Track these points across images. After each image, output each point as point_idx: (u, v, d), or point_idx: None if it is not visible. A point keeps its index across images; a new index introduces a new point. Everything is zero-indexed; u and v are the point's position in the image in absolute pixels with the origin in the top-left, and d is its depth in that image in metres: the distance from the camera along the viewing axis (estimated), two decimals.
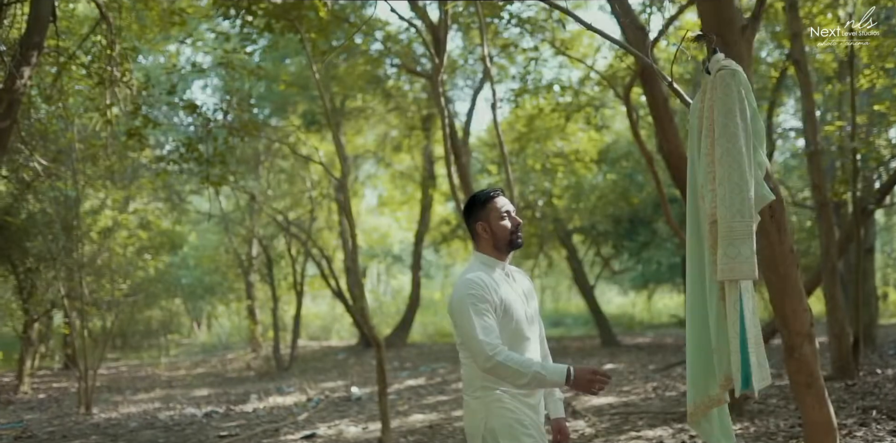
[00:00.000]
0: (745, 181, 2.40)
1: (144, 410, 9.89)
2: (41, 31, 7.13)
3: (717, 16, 2.67)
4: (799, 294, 3.59)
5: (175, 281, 21.04)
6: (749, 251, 2.36)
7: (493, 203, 2.75)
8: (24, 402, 11.48)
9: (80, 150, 9.80)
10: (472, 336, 2.51)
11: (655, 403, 7.40)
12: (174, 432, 7.96)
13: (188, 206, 18.81)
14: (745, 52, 2.77)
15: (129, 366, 17.69)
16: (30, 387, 12.98)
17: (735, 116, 2.42)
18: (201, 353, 20.59)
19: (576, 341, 16.23)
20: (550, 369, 2.47)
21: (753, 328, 2.53)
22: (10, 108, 6.72)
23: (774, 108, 11.73)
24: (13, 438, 8.18)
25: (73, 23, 10.18)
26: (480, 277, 2.64)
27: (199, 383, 13.08)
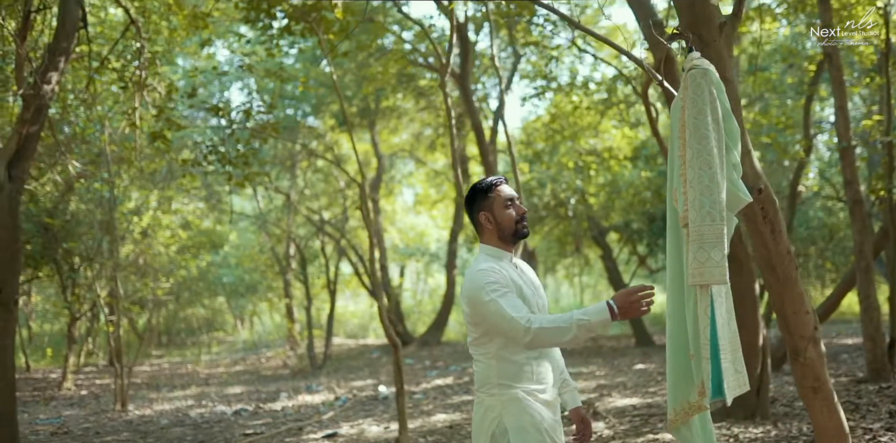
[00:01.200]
0: (716, 184, 2.34)
1: (177, 407, 10.07)
2: (69, 37, 7.29)
3: (694, 14, 2.61)
4: (800, 297, 3.49)
5: (216, 280, 21.41)
6: (720, 256, 2.30)
7: (497, 191, 2.67)
8: (66, 398, 11.78)
9: (112, 152, 10.01)
10: (503, 317, 2.44)
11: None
12: (202, 430, 8.10)
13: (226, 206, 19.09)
14: (724, 50, 2.69)
15: (171, 363, 18.02)
16: (73, 383, 13.31)
17: (706, 116, 2.36)
18: (242, 350, 20.88)
19: (611, 339, 16.05)
20: (591, 311, 2.37)
21: (730, 334, 2.47)
22: (37, 113, 6.89)
23: (812, 103, 11.43)
24: (49, 433, 8.41)
25: (106, 28, 10.43)
26: (492, 267, 2.59)
27: (234, 380, 13.27)
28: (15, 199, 6.69)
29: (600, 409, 7.31)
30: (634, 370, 10.24)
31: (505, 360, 2.59)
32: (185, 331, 24.35)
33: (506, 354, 2.59)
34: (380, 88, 13.66)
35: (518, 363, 2.59)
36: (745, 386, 2.52)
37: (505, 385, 2.58)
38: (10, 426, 6.42)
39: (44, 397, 11.78)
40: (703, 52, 2.66)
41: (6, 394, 6.40)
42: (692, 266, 2.32)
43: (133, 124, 7.40)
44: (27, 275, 14.34)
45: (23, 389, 13.28)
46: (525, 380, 2.59)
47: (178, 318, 23.27)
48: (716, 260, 2.28)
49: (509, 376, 2.57)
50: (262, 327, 24.31)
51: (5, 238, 6.58)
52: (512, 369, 2.59)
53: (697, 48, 2.65)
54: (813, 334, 3.64)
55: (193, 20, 8.30)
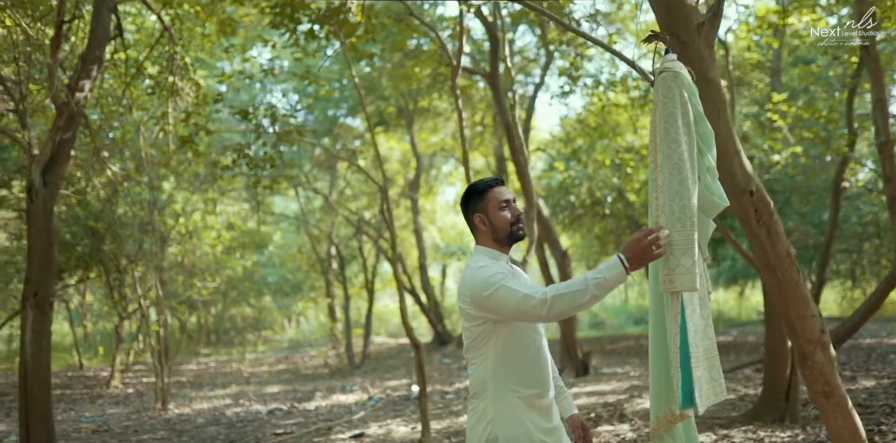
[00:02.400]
0: (686, 189, 2.29)
1: (215, 406, 10.26)
2: (101, 45, 7.47)
3: (671, 14, 2.56)
4: (804, 299, 3.39)
5: (261, 279, 21.76)
6: (690, 262, 2.25)
7: (492, 193, 2.63)
8: (112, 396, 12.11)
9: (151, 156, 10.25)
10: (515, 297, 2.38)
11: (709, 407, 7.14)
12: (236, 429, 8.24)
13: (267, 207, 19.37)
14: (704, 51, 2.63)
15: (217, 362, 18.37)
16: (120, 382, 13.68)
17: (676, 119, 2.31)
18: (287, 349, 21.20)
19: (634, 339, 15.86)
20: (604, 268, 2.31)
21: (705, 341, 2.42)
22: (70, 121, 7.08)
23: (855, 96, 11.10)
24: (91, 431, 8.65)
25: (144, 35, 10.68)
26: (491, 263, 2.56)
27: (274, 379, 13.46)
28: (49, 204, 6.88)
29: (627, 411, 7.22)
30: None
31: (501, 361, 2.56)
32: (234, 330, 24.81)
33: (504, 353, 2.55)
34: (413, 89, 13.70)
35: (514, 364, 2.56)
36: (722, 394, 2.47)
37: (500, 389, 2.54)
38: (46, 424, 6.60)
39: (91, 396, 12.12)
40: (682, 53, 2.61)
41: (43, 393, 6.59)
42: (662, 273, 2.28)
43: (164, 129, 7.55)
44: (78, 276, 14.80)
45: (74, 386, 13.70)
46: (521, 383, 2.56)
47: (226, 317, 23.73)
48: (685, 266, 2.24)
49: (505, 378, 2.53)
50: (307, 326, 24.64)
51: (40, 242, 6.78)
52: (508, 371, 2.55)
53: (675, 49, 2.60)
54: (820, 337, 3.53)
55: (222, 26, 8.46)
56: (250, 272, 21.40)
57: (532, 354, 2.61)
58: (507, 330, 2.56)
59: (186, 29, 9.54)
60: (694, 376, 2.27)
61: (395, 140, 19.08)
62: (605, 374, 10.30)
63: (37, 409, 6.53)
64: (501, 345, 2.56)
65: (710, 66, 2.65)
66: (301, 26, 7.61)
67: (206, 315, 23.31)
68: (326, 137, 16.79)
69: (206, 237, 18.09)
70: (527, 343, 2.59)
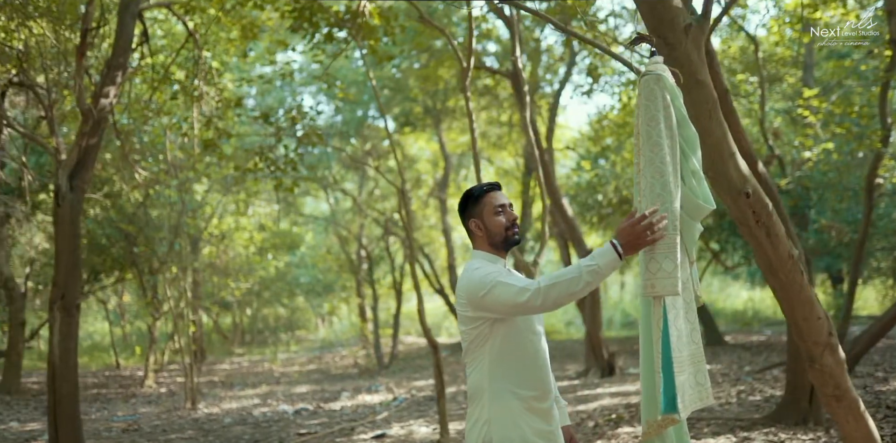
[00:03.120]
0: (668, 192, 2.27)
1: (244, 406, 10.39)
2: (125, 52, 7.61)
3: (657, 16, 2.53)
4: (809, 301, 3.34)
5: (294, 280, 21.98)
6: (671, 266, 2.23)
7: (487, 198, 2.64)
8: (145, 395, 12.32)
9: (178, 159, 10.42)
10: (510, 291, 2.38)
11: (732, 409, 7.06)
12: (261, 429, 8.34)
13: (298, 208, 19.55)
14: (693, 52, 2.59)
15: (250, 361, 18.59)
16: (154, 381, 13.92)
17: (658, 123, 2.29)
18: (319, 349, 21.37)
19: None
20: (597, 255, 2.29)
21: (690, 345, 2.40)
22: (96, 126, 7.23)
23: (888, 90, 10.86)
24: (121, 430, 8.82)
25: (172, 40, 10.85)
26: (488, 265, 2.57)
27: (304, 379, 13.59)
28: (76, 208, 7.04)
29: None
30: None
31: (499, 362, 2.55)
32: (268, 330, 25.09)
33: (502, 354, 2.55)
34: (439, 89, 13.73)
35: (512, 365, 2.55)
36: (707, 399, 2.44)
37: (498, 391, 2.53)
38: (74, 424, 6.76)
39: (125, 395, 12.35)
40: (670, 55, 2.58)
41: (70, 393, 6.75)
42: (644, 277, 2.27)
43: (186, 134, 7.67)
44: (115, 277, 15.10)
45: (110, 386, 13.98)
46: (519, 384, 2.55)
47: (260, 317, 24.01)
48: (667, 271, 2.22)
49: (502, 379, 2.53)
50: (339, 326, 24.81)
51: (67, 245, 6.94)
52: (505, 372, 2.55)
53: (663, 51, 2.58)
54: (827, 339, 3.48)
55: (244, 30, 8.56)
56: (283, 273, 21.65)
57: (530, 355, 2.60)
58: (504, 331, 2.55)
59: (212, 33, 9.68)
60: (677, 382, 2.25)
61: (424, 140, 19.14)
62: (631, 374, 10.23)
63: (64, 409, 6.68)
64: (499, 346, 2.56)
65: (700, 68, 2.62)
66: (320, 30, 7.66)
67: (241, 315, 23.63)
68: (355, 137, 16.91)
69: (238, 239, 18.35)
70: (524, 344, 2.59)
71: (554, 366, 12.36)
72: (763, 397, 7.47)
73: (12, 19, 7.59)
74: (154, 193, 12.22)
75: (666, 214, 2.26)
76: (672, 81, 2.36)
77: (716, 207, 2.45)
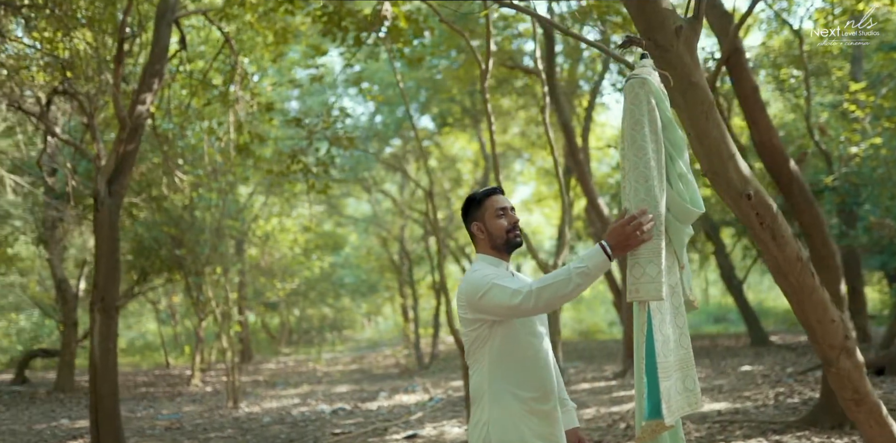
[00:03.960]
0: (653, 197, 2.26)
1: (284, 405, 10.55)
2: (161, 60, 7.81)
3: (647, 19, 2.51)
4: (821, 304, 3.26)
5: (338, 280, 22.22)
6: (655, 271, 2.21)
7: (489, 201, 2.69)
8: (191, 394, 12.60)
9: (217, 163, 10.63)
10: (504, 293, 2.40)
11: (768, 411, 6.92)
12: (298, 428, 8.47)
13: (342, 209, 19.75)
14: (686, 54, 2.56)
15: (296, 361, 18.85)
16: (200, 380, 14.22)
17: (643, 127, 2.28)
18: (364, 349, 21.57)
19: (730, 338, 15.42)
20: (586, 257, 2.31)
21: (679, 351, 2.38)
22: (133, 133, 7.44)
23: None
24: (164, 429, 9.05)
25: (210, 47, 11.07)
26: (489, 269, 2.60)
27: (345, 379, 13.73)
28: (114, 213, 7.24)
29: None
30: (739, 372, 9.81)
31: (498, 363, 2.57)
32: (314, 329, 25.41)
33: (501, 356, 2.57)
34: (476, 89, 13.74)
35: (512, 367, 2.57)
36: (695, 405, 2.41)
37: (498, 392, 2.55)
38: (114, 423, 6.96)
39: (171, 394, 12.65)
40: (663, 57, 2.55)
41: (110, 393, 6.95)
42: (629, 282, 2.26)
43: (220, 138, 7.82)
44: (163, 278, 15.47)
45: (158, 384, 14.34)
46: (519, 385, 2.56)
47: (307, 317, 24.33)
48: (651, 276, 2.20)
49: (502, 381, 2.55)
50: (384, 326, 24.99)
51: (106, 249, 7.14)
52: (505, 373, 2.57)
53: (655, 54, 2.56)
54: (843, 343, 3.40)
55: (277, 36, 8.69)
56: (327, 273, 21.91)
57: (530, 357, 2.61)
58: (503, 333, 2.58)
59: (249, 38, 9.86)
60: (662, 388, 2.23)
61: (465, 140, 19.16)
62: None
63: (105, 407, 6.89)
64: (498, 348, 2.58)
65: (694, 70, 2.59)
66: (350, 34, 7.75)
67: (288, 315, 23.98)
68: (396, 138, 17.02)
69: (282, 240, 18.63)
70: (524, 346, 2.60)
71: (593, 366, 12.29)
72: (801, 399, 7.31)
73: (58, 30, 7.84)
74: (197, 196, 12.49)
75: (649, 216, 2.25)
76: (657, 85, 2.34)
77: (704, 211, 2.43)
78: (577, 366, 12.52)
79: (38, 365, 17.69)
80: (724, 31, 6.13)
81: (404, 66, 13.86)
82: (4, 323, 22.05)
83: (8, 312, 21.84)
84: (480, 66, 5.71)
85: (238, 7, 8.24)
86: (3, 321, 22.08)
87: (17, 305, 21.06)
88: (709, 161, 2.81)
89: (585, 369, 12.08)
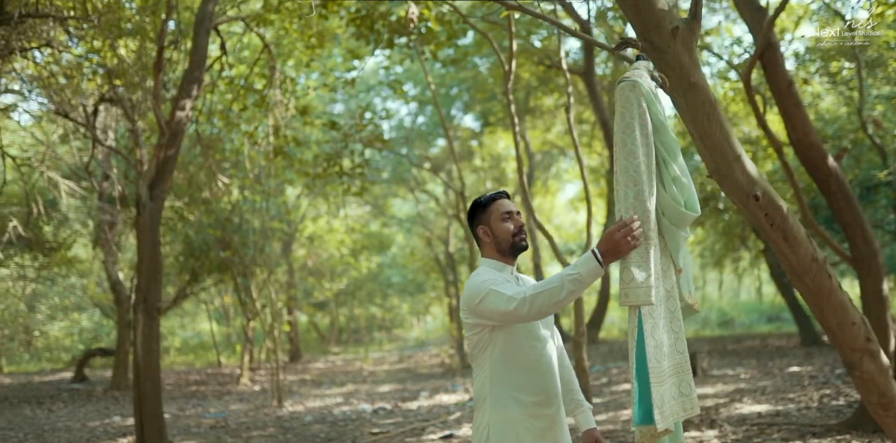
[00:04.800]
0: (642, 202, 2.24)
1: (326, 404, 10.69)
2: (199, 67, 7.98)
3: (642, 20, 2.47)
4: (841, 307, 3.17)
5: (386, 280, 22.38)
6: (644, 276, 2.19)
7: (495, 205, 2.71)
8: (239, 393, 12.85)
9: (260, 166, 10.82)
10: (501, 299, 2.42)
11: (810, 413, 6.76)
12: (338, 428, 8.57)
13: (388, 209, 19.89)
14: (684, 55, 2.51)
15: (344, 360, 19.05)
16: (249, 379, 14.48)
17: (633, 131, 2.26)
18: (412, 348, 21.68)
19: (781, 338, 15.06)
20: (578, 264, 2.31)
21: (675, 356, 2.35)
22: (173, 138, 7.62)
23: None
24: (209, 427, 9.25)
25: (251, 52, 11.29)
26: (491, 273, 2.61)
27: (390, 378, 13.83)
28: (156, 216, 7.43)
29: (723, 415, 6.95)
30: (785, 373, 9.58)
31: (499, 368, 2.59)
32: (364, 328, 25.64)
33: (502, 360, 2.59)
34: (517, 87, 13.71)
35: (513, 371, 2.59)
36: (692, 410, 2.37)
37: (499, 396, 2.57)
38: (157, 421, 7.16)
39: (220, 392, 12.92)
40: (660, 58, 2.52)
41: (153, 392, 7.14)
42: (620, 286, 2.24)
43: (257, 142, 7.96)
44: (214, 279, 15.80)
45: (209, 383, 14.66)
46: (520, 389, 2.57)
47: (355, 316, 24.58)
48: (639, 281, 2.18)
49: (503, 385, 2.56)
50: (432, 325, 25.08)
51: (149, 252, 7.34)
52: (505, 377, 2.58)
53: (652, 55, 2.53)
54: (865, 345, 3.29)
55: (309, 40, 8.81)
56: (375, 273, 22.10)
57: (532, 361, 2.62)
58: (504, 337, 2.60)
59: (289, 42, 10.01)
60: (655, 393, 2.20)
61: (509, 139, 19.12)
62: (713, 376, 9.92)
63: (148, 406, 7.08)
64: (499, 352, 2.60)
65: (693, 71, 2.54)
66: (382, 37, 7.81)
67: (337, 315, 24.26)
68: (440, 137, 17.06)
69: (330, 240, 18.85)
70: (525, 351, 2.62)
71: None
72: (847, 401, 7.12)
73: (106, 39, 8.09)
74: (242, 199, 12.73)
75: (631, 221, 2.23)
76: (649, 87, 2.31)
77: (700, 215, 2.39)
78: (620, 366, 12.39)
79: (97, 364, 18.24)
80: (758, 24, 6.01)
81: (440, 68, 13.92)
82: (68, 323, 22.83)
83: (71, 313, 22.61)
84: (504, 67, 5.69)
85: (275, 13, 8.39)
86: (66, 321, 22.86)
87: (79, 306, 21.80)
88: (714, 163, 2.76)
89: (629, 369, 11.95)
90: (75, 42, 8.73)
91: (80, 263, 18.43)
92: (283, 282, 16.81)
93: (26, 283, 19.18)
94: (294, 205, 16.00)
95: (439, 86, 14.33)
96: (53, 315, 22.32)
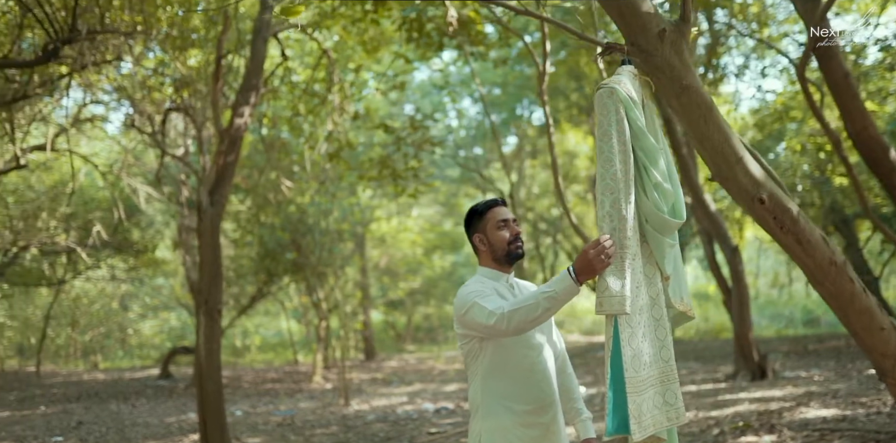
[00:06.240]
0: (618, 210, 2.20)
1: (391, 403, 10.82)
2: (257, 74, 8.21)
3: (627, 23, 2.42)
4: (866, 311, 3.03)
5: (460, 279, 22.48)
6: (619, 286, 2.16)
7: (491, 213, 2.73)
8: (310, 391, 13.15)
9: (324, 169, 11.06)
10: (482, 313, 2.43)
11: (879, 419, 6.45)
12: (398, 427, 8.67)
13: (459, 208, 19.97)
14: (674, 58, 2.44)
15: (417, 359, 19.22)
16: (321, 377, 14.79)
17: (611, 138, 2.22)
18: None
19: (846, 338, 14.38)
20: (554, 282, 2.31)
21: (658, 363, 2.31)
22: (232, 145, 7.86)
23: None
24: (276, 424, 9.51)
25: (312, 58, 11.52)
26: (480, 284, 2.63)
27: (458, 377, 13.88)
28: (216, 221, 7.68)
29: (785, 420, 6.71)
30: (863, 376, 9.16)
31: (490, 377, 2.61)
32: (439, 327, 25.81)
33: (493, 369, 2.60)
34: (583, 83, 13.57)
35: (505, 380, 2.60)
36: (677, 419, 2.31)
37: (491, 406, 2.58)
38: (220, 418, 7.40)
39: (292, 390, 13.25)
40: (649, 62, 2.46)
41: (215, 391, 7.39)
42: (596, 295, 2.21)
43: (311, 147, 8.14)
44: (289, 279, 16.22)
45: (284, 381, 15.04)
46: (513, 398, 2.58)
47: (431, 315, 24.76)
48: (614, 290, 2.15)
49: (495, 394, 2.58)
50: None
51: (209, 256, 7.59)
52: (497, 386, 2.60)
53: (640, 59, 2.48)
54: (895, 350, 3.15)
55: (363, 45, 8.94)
56: (449, 272, 22.21)
57: (524, 369, 2.62)
58: (494, 346, 2.61)
59: (348, 47, 10.19)
60: (632, 403, 2.17)
61: (581, 136, 18.93)
62: (785, 378, 9.58)
63: (210, 404, 7.33)
64: (489, 362, 2.62)
65: (685, 73, 2.48)
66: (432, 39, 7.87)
67: (413, 313, 24.50)
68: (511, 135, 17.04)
69: (402, 240, 19.07)
70: (517, 360, 2.62)
71: (707, 368, 11.81)
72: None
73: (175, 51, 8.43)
74: (310, 201, 13.02)
75: (614, 240, 2.20)
76: (627, 93, 2.27)
77: (684, 221, 2.34)
78: (689, 367, 12.09)
79: (182, 361, 18.97)
80: (810, 15, 5.77)
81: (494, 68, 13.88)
82: (158, 322, 23.84)
83: (160, 312, 23.61)
84: (538, 68, 5.65)
85: (329, 19, 8.55)
86: (156, 320, 23.87)
87: (167, 305, 22.74)
88: (715, 166, 2.69)
89: (698, 369, 11.65)
90: (149, 54, 9.13)
91: (165, 265, 19.25)
92: (357, 281, 17.07)
93: (118, 284, 20.17)
94: (367, 206, 16.26)
95: (501, 84, 14.28)
96: (144, 314, 23.36)
